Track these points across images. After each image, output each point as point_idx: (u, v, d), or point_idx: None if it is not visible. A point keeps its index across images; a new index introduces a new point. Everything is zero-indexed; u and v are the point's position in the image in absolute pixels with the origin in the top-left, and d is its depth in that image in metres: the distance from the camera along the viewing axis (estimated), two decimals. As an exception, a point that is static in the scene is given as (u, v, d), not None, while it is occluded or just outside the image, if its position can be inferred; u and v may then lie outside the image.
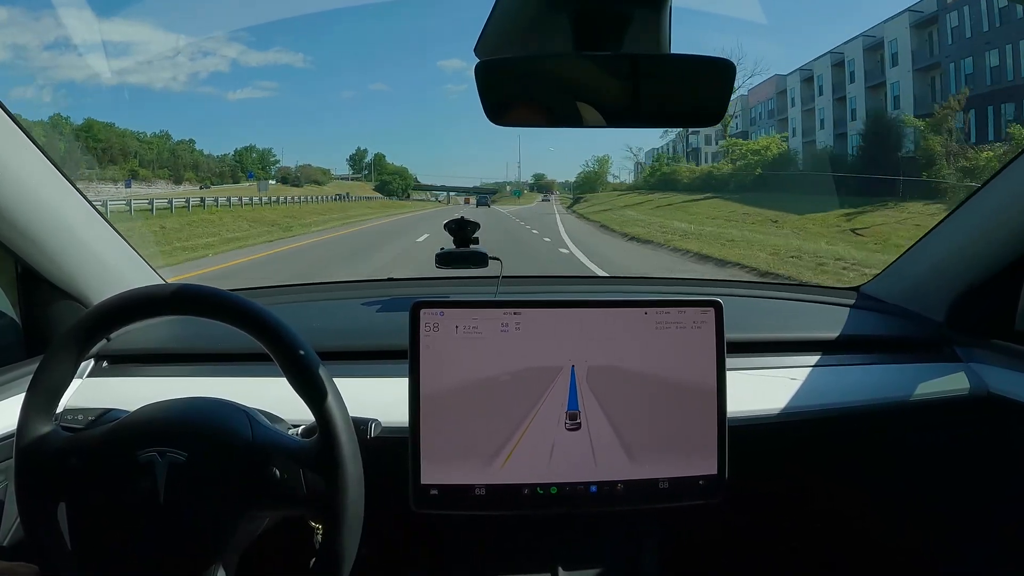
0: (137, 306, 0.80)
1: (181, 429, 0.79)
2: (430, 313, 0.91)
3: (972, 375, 1.18)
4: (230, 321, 0.78)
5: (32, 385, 0.78)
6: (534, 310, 0.92)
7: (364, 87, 64.46)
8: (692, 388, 0.93)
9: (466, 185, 55.35)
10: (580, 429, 0.92)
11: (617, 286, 1.91)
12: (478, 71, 0.69)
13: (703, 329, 0.94)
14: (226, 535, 0.78)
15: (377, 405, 0.94)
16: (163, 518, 0.76)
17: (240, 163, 36.94)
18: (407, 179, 49.96)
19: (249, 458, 0.78)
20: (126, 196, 21.72)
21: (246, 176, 35.05)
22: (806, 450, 1.14)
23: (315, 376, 0.77)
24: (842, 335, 1.25)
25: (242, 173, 35.43)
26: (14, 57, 32.21)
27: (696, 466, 0.94)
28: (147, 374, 1.15)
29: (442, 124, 76.65)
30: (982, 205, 1.18)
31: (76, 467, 0.77)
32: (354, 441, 0.79)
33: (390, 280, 1.88)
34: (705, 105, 0.74)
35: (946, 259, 1.27)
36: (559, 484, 0.92)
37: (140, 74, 40.14)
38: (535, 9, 0.72)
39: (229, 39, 49.48)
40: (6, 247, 1.04)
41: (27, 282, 1.13)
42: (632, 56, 0.72)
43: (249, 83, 57.01)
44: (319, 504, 0.77)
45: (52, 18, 31.39)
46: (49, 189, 1.03)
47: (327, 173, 42.34)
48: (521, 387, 0.91)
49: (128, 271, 1.23)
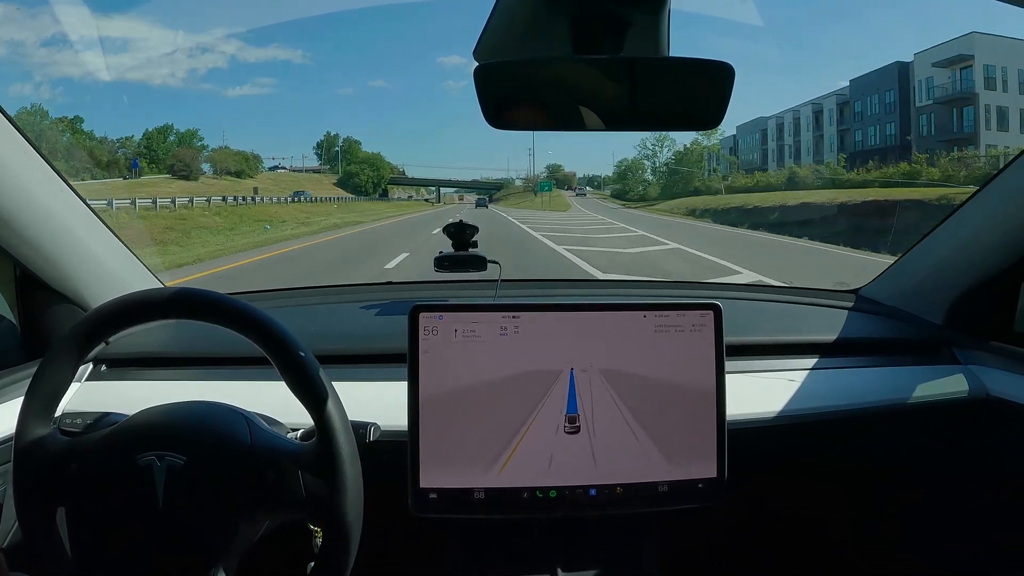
0: (135, 310, 0.80)
1: (180, 433, 0.78)
2: (429, 317, 0.91)
3: (971, 377, 1.18)
4: (229, 325, 0.78)
5: (31, 389, 0.78)
6: (533, 313, 0.92)
7: (363, 83, 64.37)
8: (691, 391, 0.93)
9: (462, 179, 46.33)
10: (579, 432, 0.92)
11: (616, 289, 1.92)
12: (477, 74, 0.70)
13: (702, 332, 0.94)
14: (225, 539, 0.78)
15: (376, 409, 0.94)
16: (162, 522, 0.75)
17: (151, 149, 28.14)
18: (381, 169, 38.28)
19: (248, 462, 0.77)
20: None
21: (129, 165, 25.71)
22: (805, 453, 1.14)
23: (314, 380, 0.77)
24: (841, 338, 1.25)
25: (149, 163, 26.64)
26: (10, 53, 31.64)
27: (695, 469, 0.94)
28: (146, 378, 1.15)
29: (442, 120, 75.89)
30: (980, 208, 1.18)
31: (74, 471, 0.77)
32: (353, 444, 0.79)
33: (389, 284, 1.88)
34: (704, 108, 0.74)
35: (945, 261, 1.27)
36: (558, 488, 0.92)
37: (138, 71, 39.83)
38: (534, 13, 0.72)
39: (227, 36, 49.07)
40: (5, 251, 1.04)
41: (26, 286, 1.13)
42: (630, 59, 0.72)
43: (248, 80, 56.64)
44: (318, 507, 0.77)
45: (49, 15, 30.88)
46: (47, 192, 1.03)
47: (251, 160, 30.78)
48: (520, 390, 0.91)
49: (127, 275, 1.23)
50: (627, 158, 37.96)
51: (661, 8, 0.70)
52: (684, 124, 0.78)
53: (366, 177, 37.54)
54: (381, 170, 38.70)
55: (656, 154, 35.97)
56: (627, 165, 37.57)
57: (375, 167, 38.37)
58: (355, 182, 36.97)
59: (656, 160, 36.05)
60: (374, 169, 38.32)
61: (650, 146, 35.70)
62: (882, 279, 1.44)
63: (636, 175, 37.61)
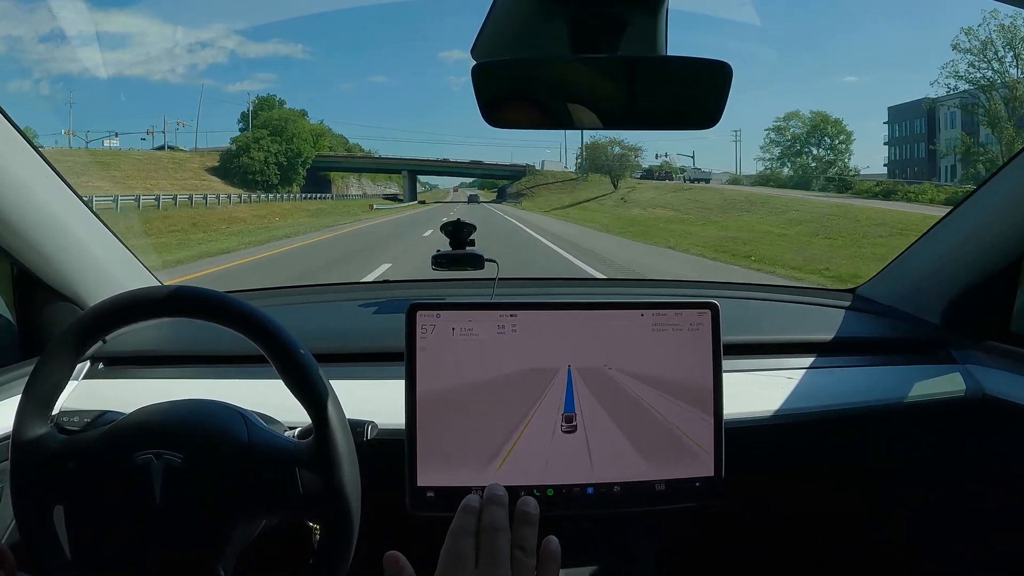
0: (133, 308, 0.80)
1: (177, 431, 0.78)
2: (426, 315, 0.91)
3: (967, 377, 1.18)
4: (226, 323, 0.78)
5: (28, 387, 0.78)
6: (530, 312, 0.92)
7: (364, 79, 64.12)
8: (689, 390, 0.93)
9: (461, 159, 29.61)
10: (577, 431, 0.92)
11: (614, 288, 1.92)
12: (474, 73, 0.70)
13: (700, 331, 0.94)
14: (223, 537, 0.78)
15: (373, 407, 0.94)
16: (159, 520, 0.75)
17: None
18: (299, 144, 21.21)
19: (245, 460, 0.77)
20: None
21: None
22: (802, 452, 1.15)
23: (311, 378, 0.77)
24: (838, 337, 1.25)
25: None
26: (8, 50, 31.05)
27: (693, 468, 0.94)
28: (143, 376, 1.14)
29: (442, 117, 74.97)
30: (978, 208, 1.18)
31: (72, 469, 0.77)
32: (350, 442, 0.79)
33: (386, 282, 1.88)
34: (702, 107, 0.74)
35: (942, 261, 1.27)
36: (555, 486, 0.92)
37: (138, 67, 39.15)
38: (532, 12, 0.72)
39: (227, 30, 48.49)
40: (2, 248, 1.04)
41: (23, 284, 1.12)
42: (628, 59, 0.72)
43: (248, 75, 56.21)
44: (316, 505, 0.77)
45: (46, 10, 30.26)
46: (45, 190, 1.03)
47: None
48: (517, 389, 0.91)
49: (124, 273, 1.23)
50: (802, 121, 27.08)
51: (659, 8, 0.70)
52: (682, 123, 0.78)
53: (261, 159, 19.94)
54: (300, 145, 21.52)
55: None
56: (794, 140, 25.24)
57: (286, 137, 20.83)
58: (248, 171, 20.79)
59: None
60: (282, 143, 20.68)
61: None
62: (879, 279, 1.44)
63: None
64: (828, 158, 29.21)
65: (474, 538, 0.62)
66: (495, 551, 0.61)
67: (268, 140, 21.38)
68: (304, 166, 22.43)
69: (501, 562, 0.60)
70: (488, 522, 0.63)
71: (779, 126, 31.00)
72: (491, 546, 0.61)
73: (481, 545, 0.61)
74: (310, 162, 22.75)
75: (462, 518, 0.64)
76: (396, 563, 0.62)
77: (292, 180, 21.93)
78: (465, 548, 0.61)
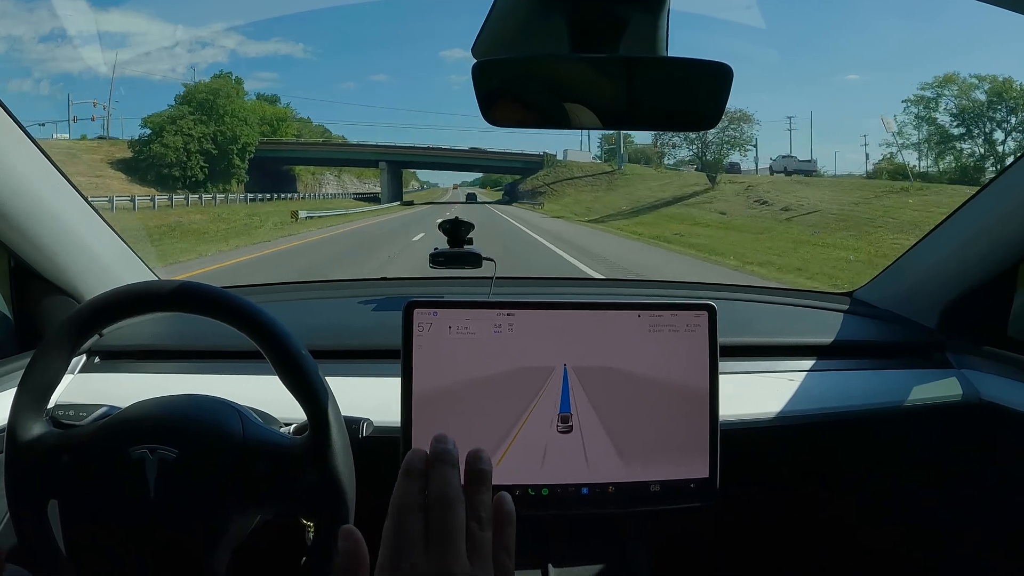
0: (129, 302, 0.80)
1: (172, 426, 0.78)
2: (423, 313, 0.91)
3: (964, 381, 1.18)
4: (222, 318, 0.78)
5: (23, 380, 0.78)
6: (528, 311, 0.92)
7: (365, 78, 64.02)
8: (684, 391, 0.93)
9: (459, 147, 23.01)
10: (572, 431, 0.92)
11: (611, 288, 1.92)
12: (475, 71, 0.70)
13: (696, 333, 0.94)
14: (217, 532, 0.78)
15: (369, 404, 0.94)
16: (154, 515, 0.75)
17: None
18: (235, 125, 16.33)
19: (240, 455, 0.77)
20: None
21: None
22: (798, 454, 1.15)
23: (307, 374, 0.77)
24: (835, 340, 1.25)
25: None
26: (9, 49, 30.99)
27: (688, 469, 0.94)
28: (139, 370, 1.14)
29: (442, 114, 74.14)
30: (975, 212, 1.18)
31: (67, 463, 0.77)
32: (346, 438, 0.79)
33: (384, 280, 1.88)
34: (701, 109, 0.74)
35: (939, 265, 1.27)
36: (551, 486, 0.92)
37: (137, 65, 39.16)
38: (532, 10, 0.72)
39: (227, 29, 48.33)
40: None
41: (20, 277, 1.12)
42: (628, 59, 0.72)
43: (249, 74, 56.01)
44: (310, 501, 0.77)
45: (47, 9, 30.22)
46: (43, 183, 1.03)
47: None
48: (514, 388, 0.91)
49: (121, 267, 1.23)
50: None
51: (660, 8, 0.70)
52: (681, 124, 0.79)
53: (179, 145, 14.95)
54: (231, 125, 15.71)
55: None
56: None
57: (216, 118, 15.31)
58: (154, 157, 15.60)
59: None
60: (211, 124, 15.31)
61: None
62: (877, 282, 1.44)
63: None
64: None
65: (422, 514, 0.49)
66: (448, 528, 0.48)
67: (190, 120, 16.08)
68: (243, 155, 17.18)
69: (455, 542, 0.48)
70: (438, 493, 0.50)
71: (925, 96, 22.54)
72: (442, 523, 0.48)
73: (431, 523, 0.48)
74: (252, 150, 17.58)
75: (406, 486, 0.51)
76: (350, 536, 0.50)
77: (229, 175, 17.16)
78: (412, 528, 0.48)
